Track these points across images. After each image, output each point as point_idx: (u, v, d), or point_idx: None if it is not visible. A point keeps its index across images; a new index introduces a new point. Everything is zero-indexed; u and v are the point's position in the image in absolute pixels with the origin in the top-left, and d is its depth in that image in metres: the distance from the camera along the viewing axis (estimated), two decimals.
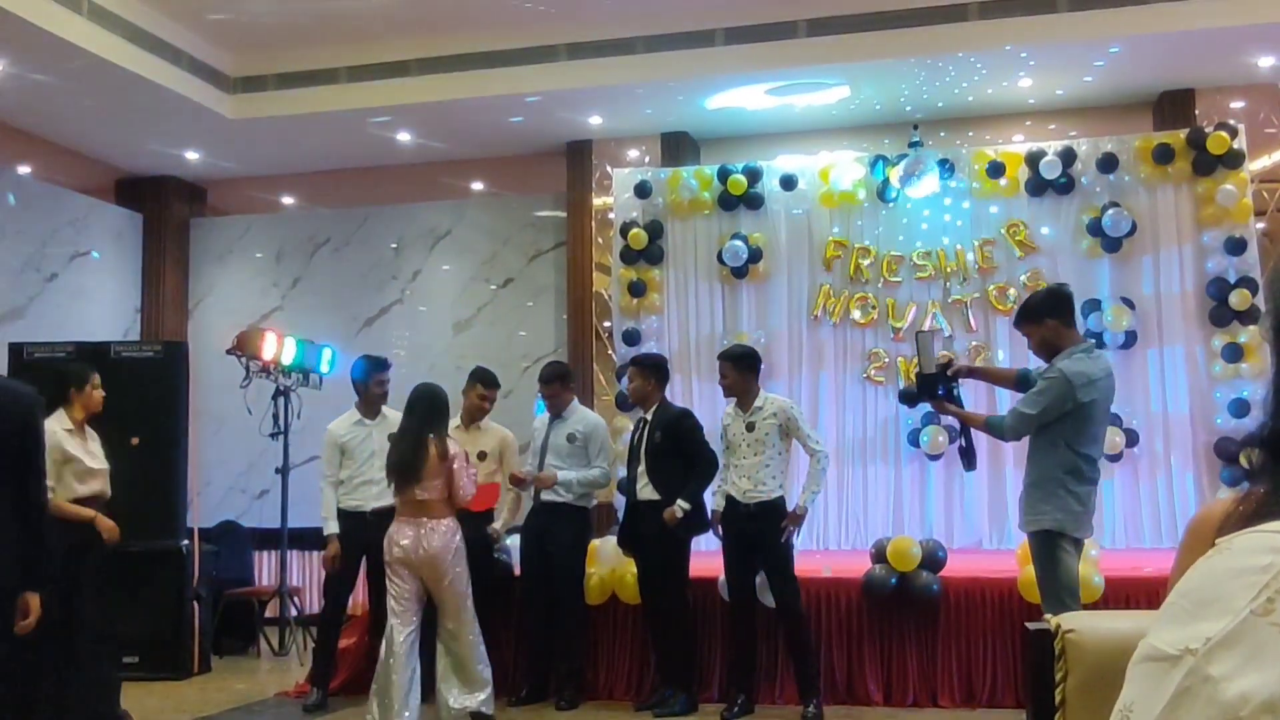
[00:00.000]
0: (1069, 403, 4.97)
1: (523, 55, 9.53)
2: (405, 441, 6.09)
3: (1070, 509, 5.02)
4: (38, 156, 10.69)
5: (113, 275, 11.41)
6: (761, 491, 6.43)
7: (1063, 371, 5.01)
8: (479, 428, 7.17)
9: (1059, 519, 5.02)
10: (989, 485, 9.13)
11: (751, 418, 6.51)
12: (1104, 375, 5.12)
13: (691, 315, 9.97)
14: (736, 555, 6.55)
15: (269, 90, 10.01)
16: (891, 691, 6.75)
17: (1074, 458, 5.03)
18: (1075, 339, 5.20)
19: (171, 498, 8.16)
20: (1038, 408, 5.04)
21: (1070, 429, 5.02)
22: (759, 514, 6.43)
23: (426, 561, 5.98)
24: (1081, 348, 5.15)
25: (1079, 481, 5.04)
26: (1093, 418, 5.07)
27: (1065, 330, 5.17)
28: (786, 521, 6.43)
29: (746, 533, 6.47)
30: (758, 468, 6.45)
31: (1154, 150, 9.02)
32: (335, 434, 7.06)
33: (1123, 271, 9.14)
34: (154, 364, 8.28)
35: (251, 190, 12.16)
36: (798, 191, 9.69)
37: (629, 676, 7.07)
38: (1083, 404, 4.99)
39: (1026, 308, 5.34)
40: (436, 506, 6.05)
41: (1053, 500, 5.03)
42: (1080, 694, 1.48)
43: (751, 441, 6.48)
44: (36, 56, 8.57)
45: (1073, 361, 5.05)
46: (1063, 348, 5.12)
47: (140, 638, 7.83)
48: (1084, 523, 5.08)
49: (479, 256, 11.27)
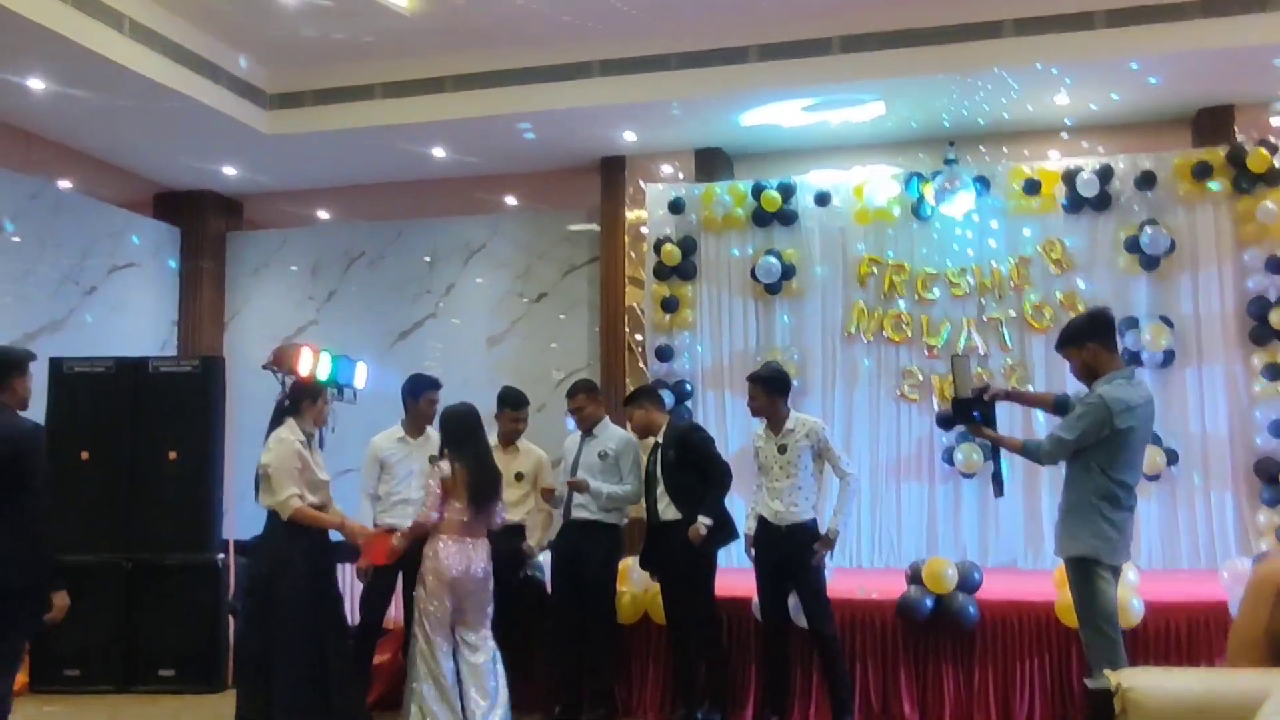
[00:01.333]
0: (1106, 428, 4.95)
1: (557, 71, 9.57)
2: (484, 462, 6.28)
3: (1106, 535, 4.99)
4: (78, 170, 10.80)
5: (150, 288, 11.51)
6: (794, 513, 6.41)
7: (1102, 397, 4.99)
8: (516, 448, 7.17)
9: (1094, 545, 4.99)
10: (1024, 504, 9.07)
11: (783, 440, 6.49)
12: (1143, 403, 5.08)
13: (725, 331, 9.95)
14: (769, 577, 6.53)
15: (306, 106, 10.09)
16: (926, 713, 6.71)
17: (1109, 484, 5.00)
18: (1116, 364, 5.16)
19: (207, 511, 8.21)
20: (1075, 432, 5.01)
21: (1106, 455, 4.99)
22: (791, 535, 6.40)
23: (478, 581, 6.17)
24: (1122, 374, 5.12)
25: (1115, 508, 5.01)
26: (1129, 444, 5.03)
27: (1106, 354, 5.14)
28: (818, 545, 6.40)
29: (779, 554, 6.45)
30: (790, 490, 6.43)
31: (1193, 167, 8.95)
32: (378, 447, 7.05)
33: (1161, 290, 9.06)
34: (191, 379, 8.34)
35: (287, 204, 12.24)
36: (832, 208, 9.67)
37: (661, 696, 7.05)
38: (1120, 430, 4.96)
39: (1068, 332, 5.31)
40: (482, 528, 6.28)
41: (1088, 526, 5.00)
42: None
43: (784, 464, 6.46)
44: (77, 73, 8.67)
45: (1113, 387, 5.02)
46: (1103, 372, 5.10)
47: (175, 651, 7.89)
48: (1120, 549, 5.04)
49: (513, 270, 11.30)
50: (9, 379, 5.10)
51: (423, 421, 7.10)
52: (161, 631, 7.85)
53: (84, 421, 8.19)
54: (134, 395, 8.29)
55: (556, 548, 7.09)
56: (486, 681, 6.11)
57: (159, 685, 7.79)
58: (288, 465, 6.07)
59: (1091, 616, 5.01)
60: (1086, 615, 5.04)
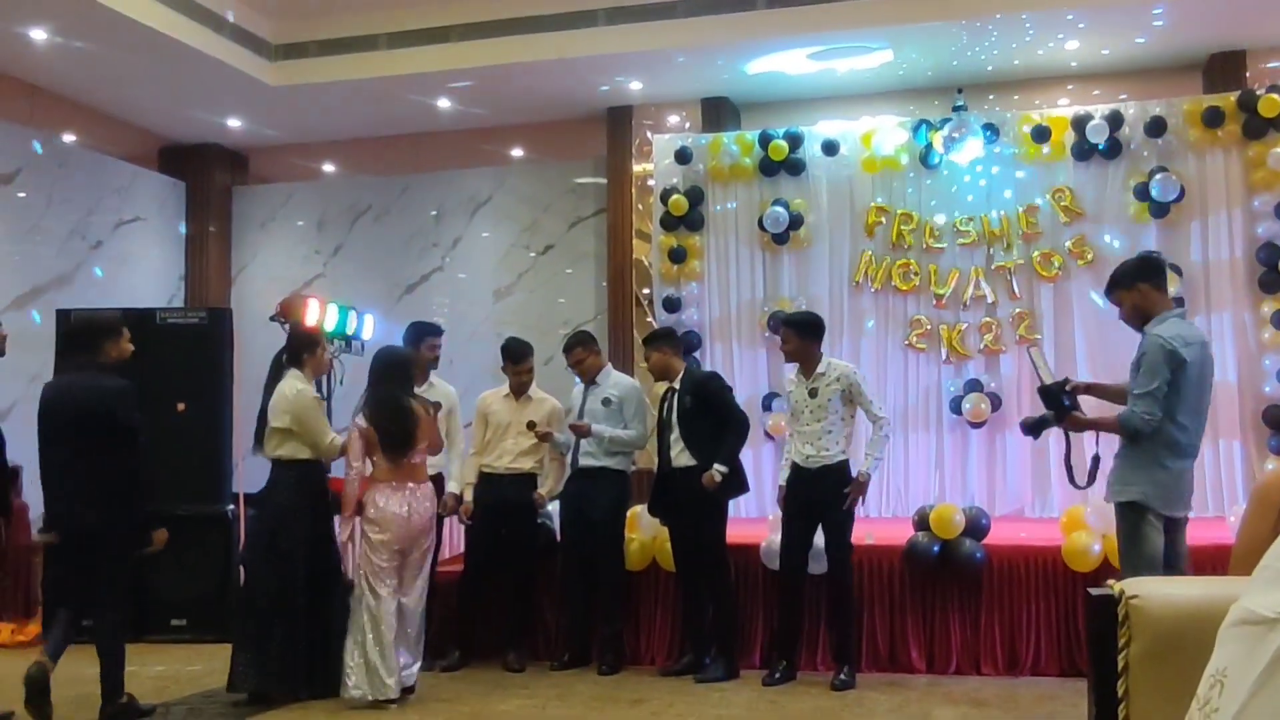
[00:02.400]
0: (1176, 360, 4.78)
1: (563, 20, 9.50)
2: (394, 409, 6.05)
3: (1160, 482, 4.86)
4: (83, 124, 10.78)
5: (157, 242, 11.51)
6: (825, 456, 6.41)
7: (1158, 335, 4.84)
8: (529, 398, 7.18)
9: (1146, 492, 4.86)
10: (1031, 453, 9.07)
11: (814, 384, 6.48)
12: (1199, 341, 4.96)
13: (732, 282, 9.92)
14: (797, 520, 6.52)
15: (310, 57, 10.04)
16: (934, 659, 6.74)
17: (1173, 430, 4.85)
18: (1167, 305, 5.04)
19: (216, 463, 8.23)
20: (1154, 381, 4.81)
21: (1171, 398, 4.83)
22: (822, 477, 6.40)
23: (419, 528, 6.04)
24: (1174, 312, 5.00)
25: (1173, 455, 4.87)
26: (1190, 381, 4.86)
27: (1157, 295, 5.01)
28: (850, 489, 6.40)
29: (809, 497, 6.44)
30: (820, 434, 6.43)
31: (1203, 113, 8.87)
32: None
33: (1170, 237, 9.00)
34: (199, 331, 8.34)
35: (293, 158, 12.21)
36: (840, 157, 9.61)
37: (670, 642, 7.09)
38: (1185, 363, 4.80)
39: (1117, 274, 5.18)
40: (422, 471, 6.16)
41: (1143, 472, 4.88)
42: (1143, 661, 1.46)
43: (814, 408, 6.45)
44: (81, 24, 8.62)
45: (1166, 325, 4.88)
46: (1154, 314, 4.97)
47: (186, 601, 7.95)
48: (1175, 499, 4.91)
49: (519, 223, 11.28)
50: (101, 342, 5.67)
51: (425, 369, 7.11)
52: (172, 582, 7.90)
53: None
54: (141, 347, 8.19)
55: (565, 496, 7.12)
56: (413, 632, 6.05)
57: (170, 635, 7.86)
58: (316, 410, 6.19)
59: (1134, 564, 4.83)
60: (1129, 562, 4.88)
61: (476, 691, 6.34)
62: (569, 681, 6.61)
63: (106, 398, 5.52)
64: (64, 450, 5.53)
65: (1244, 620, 0.85)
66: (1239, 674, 0.83)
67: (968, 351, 9.26)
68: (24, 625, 8.12)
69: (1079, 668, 6.39)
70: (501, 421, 7.11)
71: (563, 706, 6.03)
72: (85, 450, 5.48)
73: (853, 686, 6.29)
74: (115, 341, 5.75)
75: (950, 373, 9.35)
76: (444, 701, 6.12)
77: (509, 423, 7.09)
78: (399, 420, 6.05)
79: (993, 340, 9.18)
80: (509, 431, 7.09)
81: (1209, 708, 0.84)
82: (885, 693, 6.23)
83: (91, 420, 5.48)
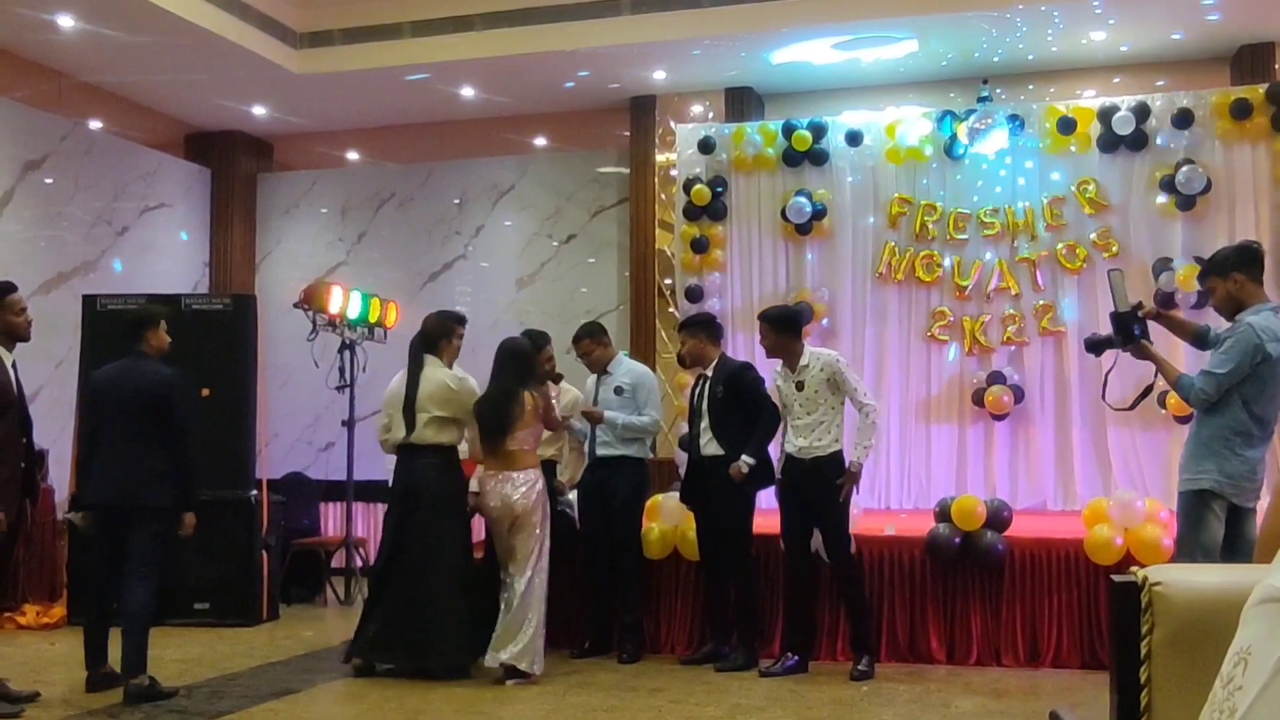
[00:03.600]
0: (1258, 355, 4.76)
1: (587, 9, 9.50)
2: (495, 398, 6.33)
3: (1233, 472, 4.83)
4: (109, 111, 10.84)
5: (182, 229, 11.58)
6: (818, 447, 6.40)
7: (1251, 325, 4.80)
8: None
9: (1218, 480, 4.83)
10: (1055, 446, 9.04)
11: (799, 376, 6.47)
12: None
13: (754, 272, 9.91)
14: (794, 512, 6.54)
15: (335, 45, 10.08)
16: (954, 650, 6.73)
17: (1247, 419, 4.83)
18: (1261, 297, 4.97)
19: (241, 449, 8.29)
20: (1228, 365, 4.80)
21: (1252, 388, 4.82)
22: (815, 468, 6.39)
23: (509, 512, 6.24)
24: (1270, 305, 4.94)
25: (1248, 444, 4.84)
26: (1274, 374, 4.84)
27: (1253, 286, 4.94)
28: (843, 480, 6.39)
29: (804, 489, 6.45)
30: (813, 426, 6.42)
31: (1231, 105, 8.80)
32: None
33: (1196, 230, 8.94)
34: (223, 317, 8.39)
35: (317, 145, 12.25)
36: (863, 147, 9.58)
37: (690, 631, 7.10)
38: (1271, 358, 4.77)
39: (1214, 260, 5.12)
40: (523, 458, 6.33)
41: (1215, 459, 4.84)
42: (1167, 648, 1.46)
43: (803, 400, 6.44)
44: (108, 12, 8.67)
45: (1261, 317, 4.83)
46: (1248, 304, 4.91)
47: (211, 585, 8.01)
48: (1245, 488, 4.87)
49: (542, 212, 11.29)
50: (144, 332, 6.03)
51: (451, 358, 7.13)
52: (197, 566, 7.95)
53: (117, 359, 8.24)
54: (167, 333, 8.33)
55: (584, 485, 7.15)
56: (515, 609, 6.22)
57: (194, 618, 7.92)
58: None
59: (1190, 550, 4.84)
60: (1185, 547, 4.89)
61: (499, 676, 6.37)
62: (589, 669, 6.63)
63: (161, 385, 5.90)
64: (117, 431, 5.85)
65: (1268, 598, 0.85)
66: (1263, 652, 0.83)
67: (990, 344, 9.23)
68: (49, 608, 8.19)
69: (1101, 660, 6.37)
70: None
71: (583, 694, 6.05)
72: (138, 433, 5.82)
73: (871, 676, 6.28)
74: (155, 331, 6.10)
75: (973, 365, 9.32)
76: (465, 688, 6.15)
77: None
78: (496, 409, 6.29)
79: (1015, 332, 9.14)
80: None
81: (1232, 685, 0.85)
82: (905, 683, 6.23)
83: (148, 405, 5.85)
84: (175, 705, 5.72)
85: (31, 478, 5.98)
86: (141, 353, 6.02)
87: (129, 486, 5.81)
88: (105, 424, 5.92)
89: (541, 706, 5.81)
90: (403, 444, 6.47)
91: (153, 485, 5.81)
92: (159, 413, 5.86)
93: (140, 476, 5.81)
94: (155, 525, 5.84)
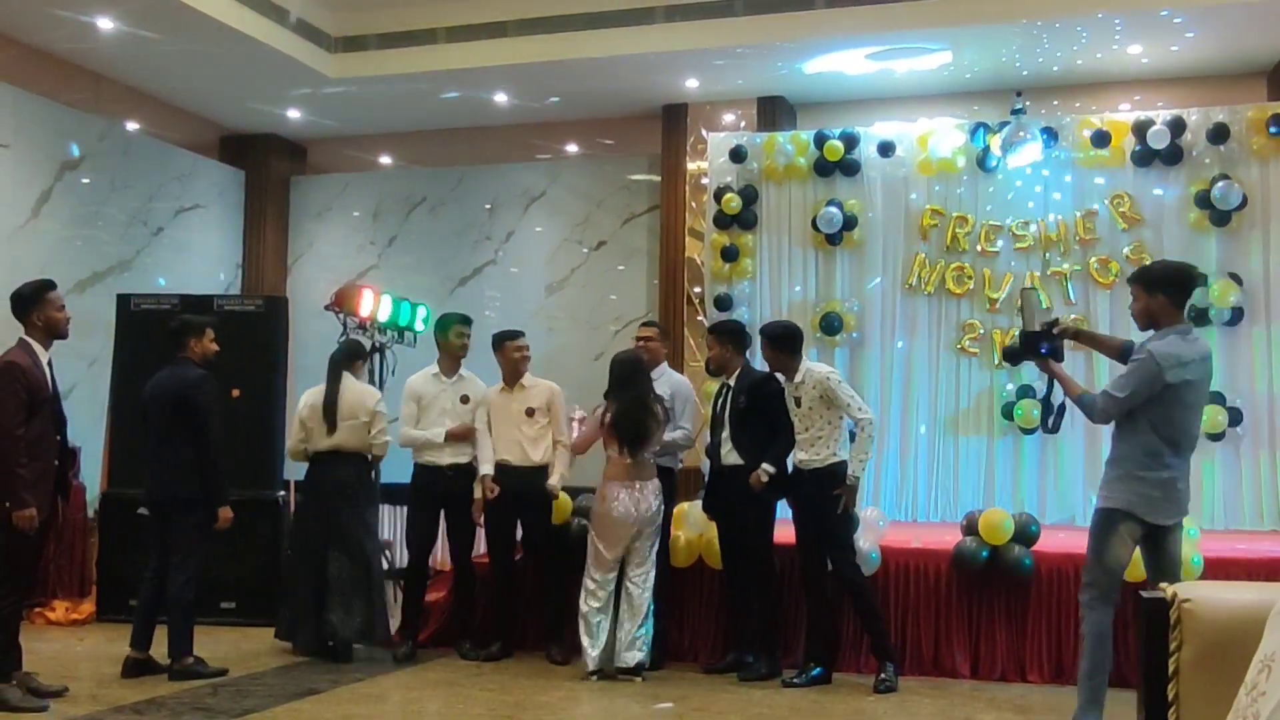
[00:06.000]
0: (1157, 384, 4.86)
1: (620, 17, 9.53)
2: (631, 405, 6.50)
3: (1144, 492, 4.92)
4: (146, 113, 10.95)
5: (215, 230, 11.67)
6: (817, 460, 6.40)
7: (1151, 353, 4.90)
8: (523, 386, 7.13)
9: (1130, 501, 4.94)
10: (1085, 460, 8.98)
11: (796, 392, 6.49)
12: (1198, 359, 4.98)
13: (784, 281, 9.91)
14: (801, 524, 6.53)
15: (369, 50, 10.14)
16: (979, 665, 6.68)
17: (1156, 442, 4.92)
18: (1176, 320, 5.04)
19: (269, 449, 8.31)
20: (1125, 390, 4.93)
21: (1157, 412, 4.91)
22: (816, 479, 6.39)
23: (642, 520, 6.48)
24: (1177, 329, 5.00)
25: (1159, 465, 4.93)
26: (1182, 401, 4.93)
27: (1171, 310, 5.02)
28: (839, 491, 6.37)
29: (806, 500, 6.46)
30: (812, 440, 6.43)
31: (1268, 120, 8.74)
32: (414, 386, 7.20)
33: (1231, 246, 8.88)
34: (255, 318, 8.43)
35: (350, 149, 12.33)
36: (895, 158, 9.56)
37: (713, 640, 7.08)
38: (1172, 385, 4.86)
39: (1147, 272, 5.24)
40: (651, 469, 6.60)
41: (1126, 482, 4.96)
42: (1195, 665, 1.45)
43: (801, 415, 6.46)
44: (147, 15, 8.77)
45: (1165, 343, 4.92)
46: (1161, 325, 5.01)
47: (237, 584, 8.04)
48: (1159, 507, 4.95)
49: (572, 218, 11.32)
50: (187, 340, 6.48)
51: (455, 358, 7.14)
52: (223, 565, 7.95)
53: (150, 358, 8.25)
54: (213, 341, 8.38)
55: None
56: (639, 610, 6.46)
57: (220, 617, 7.94)
58: None
59: (1095, 566, 5.05)
60: (1093, 562, 5.08)
61: (520, 682, 6.38)
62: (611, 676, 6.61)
63: (185, 387, 6.32)
64: (155, 432, 6.38)
65: None
66: None
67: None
68: (78, 604, 8.25)
69: (1127, 679, 6.31)
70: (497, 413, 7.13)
71: (604, 700, 6.05)
72: (169, 432, 6.31)
73: (894, 689, 6.25)
74: (199, 340, 6.51)
75: (1003, 378, 9.27)
76: (489, 691, 6.16)
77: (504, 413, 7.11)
78: (636, 423, 6.49)
79: None
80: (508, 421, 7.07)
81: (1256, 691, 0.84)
82: (928, 696, 6.19)
83: (174, 406, 6.30)
84: (200, 703, 5.76)
85: (64, 475, 6.04)
86: (184, 359, 6.45)
87: (161, 482, 6.32)
88: (150, 427, 6.41)
89: (562, 711, 5.81)
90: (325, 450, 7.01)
91: (181, 480, 6.27)
92: (185, 412, 6.29)
93: (170, 472, 6.29)
94: (189, 517, 6.29)
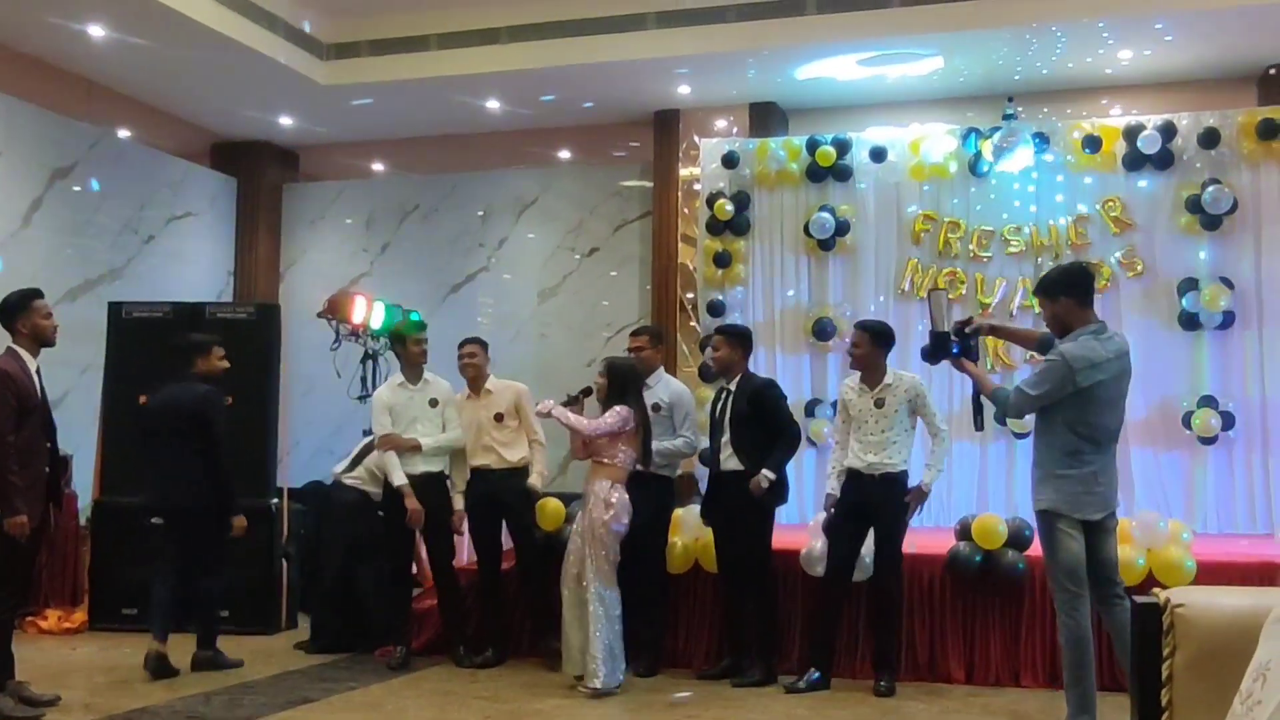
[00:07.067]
0: (1069, 386, 4.93)
1: (612, 23, 9.52)
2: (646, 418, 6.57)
3: (1066, 490, 5.01)
4: (137, 120, 10.93)
5: (207, 238, 11.64)
6: (888, 465, 6.38)
7: (1063, 355, 4.97)
8: (488, 391, 7.14)
9: (1055, 500, 5.02)
10: None
11: (880, 394, 6.44)
12: (1112, 357, 5.03)
13: (777, 287, 9.91)
14: (849, 526, 6.48)
15: (361, 57, 10.12)
16: (974, 670, 6.68)
17: (1074, 440, 5.00)
18: (1087, 320, 5.10)
19: (262, 457, 8.30)
20: (1038, 389, 5.03)
21: (1072, 412, 4.99)
22: (883, 483, 6.38)
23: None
24: (1090, 330, 5.06)
25: (1077, 464, 5.00)
26: (1097, 400, 5.00)
27: (1078, 310, 5.10)
28: (910, 497, 6.41)
29: (867, 502, 6.41)
30: (885, 444, 6.39)
31: (1258, 125, 8.76)
32: (383, 398, 7.17)
33: (1222, 250, 8.90)
34: (247, 325, 8.42)
35: (343, 156, 12.32)
36: (887, 164, 9.58)
37: (709, 646, 7.07)
38: (1084, 388, 4.93)
39: (1042, 282, 5.32)
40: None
41: (1050, 482, 5.05)
42: (1189, 670, 1.45)
43: (879, 417, 6.42)
44: (138, 21, 8.75)
45: (1077, 345, 4.98)
46: (1073, 327, 5.07)
47: (231, 593, 8.00)
48: (1084, 503, 5.02)
49: (565, 225, 11.31)
50: (194, 357, 6.74)
51: (417, 364, 7.14)
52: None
53: (142, 365, 8.27)
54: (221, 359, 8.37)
55: None
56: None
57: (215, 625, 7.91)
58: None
59: (1053, 569, 5.12)
60: (1050, 569, 5.16)
61: (514, 689, 6.37)
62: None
63: (198, 401, 6.63)
64: (162, 446, 6.67)
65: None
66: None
67: (1013, 362, 9.18)
68: (71, 612, 8.22)
69: (1120, 682, 6.32)
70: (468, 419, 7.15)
71: (600, 706, 6.04)
72: (183, 444, 6.61)
73: (893, 694, 6.26)
74: (205, 357, 6.78)
75: (996, 382, 9.23)
76: (483, 699, 6.15)
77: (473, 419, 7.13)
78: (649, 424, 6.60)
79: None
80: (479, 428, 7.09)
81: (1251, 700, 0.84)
82: (924, 702, 6.19)
83: (188, 420, 6.60)
84: (193, 711, 5.76)
85: (55, 483, 6.02)
86: (191, 375, 6.71)
87: (181, 492, 6.62)
88: (159, 439, 6.68)
89: (560, 718, 5.80)
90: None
91: (200, 490, 6.62)
92: (196, 426, 6.58)
93: (188, 483, 6.61)
94: (202, 526, 6.65)
